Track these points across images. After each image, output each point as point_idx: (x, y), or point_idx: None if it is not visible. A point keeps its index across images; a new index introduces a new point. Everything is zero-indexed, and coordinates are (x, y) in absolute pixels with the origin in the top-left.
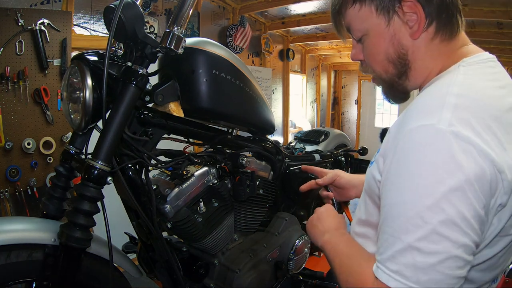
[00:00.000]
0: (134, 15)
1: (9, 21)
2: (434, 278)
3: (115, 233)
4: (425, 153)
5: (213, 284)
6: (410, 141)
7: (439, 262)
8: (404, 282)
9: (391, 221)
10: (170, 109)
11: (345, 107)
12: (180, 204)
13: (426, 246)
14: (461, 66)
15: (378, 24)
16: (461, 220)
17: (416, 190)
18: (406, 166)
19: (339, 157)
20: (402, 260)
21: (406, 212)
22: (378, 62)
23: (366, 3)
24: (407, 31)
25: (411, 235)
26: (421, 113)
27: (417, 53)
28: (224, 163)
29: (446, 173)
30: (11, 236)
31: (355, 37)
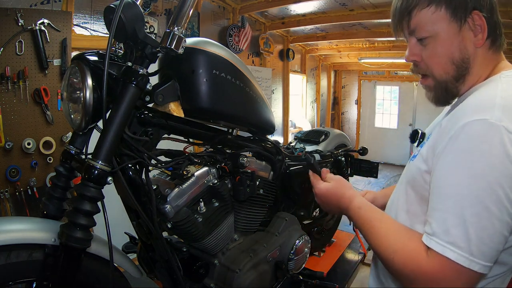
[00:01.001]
0: (134, 15)
1: (9, 21)
2: (482, 250)
3: (115, 233)
4: (480, 143)
5: (213, 284)
6: (466, 132)
7: (488, 236)
8: (459, 252)
9: (446, 199)
10: (170, 109)
11: (345, 107)
12: (180, 204)
13: (478, 221)
14: (502, 77)
15: (450, 28)
16: (508, 201)
17: (472, 174)
18: (462, 153)
19: (339, 157)
20: (457, 233)
21: (462, 191)
22: (441, 63)
23: (442, 7)
24: (472, 39)
25: (466, 211)
26: (474, 111)
27: (476, 60)
28: (224, 163)
29: (498, 161)
30: (11, 236)
31: (420, 37)
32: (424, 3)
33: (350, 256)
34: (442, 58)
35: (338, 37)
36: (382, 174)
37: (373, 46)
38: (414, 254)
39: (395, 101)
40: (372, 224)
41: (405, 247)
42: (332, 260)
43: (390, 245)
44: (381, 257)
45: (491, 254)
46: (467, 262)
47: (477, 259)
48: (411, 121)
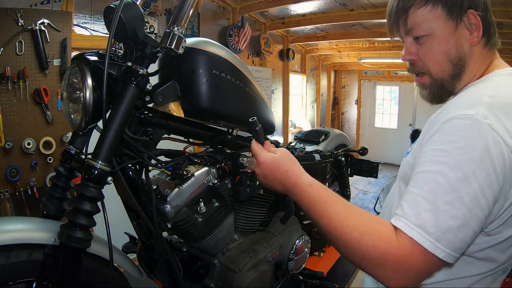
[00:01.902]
0: (134, 15)
1: (9, 21)
2: (449, 239)
3: (115, 233)
4: (463, 136)
5: (213, 284)
6: (451, 125)
7: (458, 227)
8: (426, 237)
9: (422, 184)
10: (170, 109)
11: (345, 107)
12: (180, 204)
13: (449, 209)
14: (494, 76)
15: (446, 27)
16: (482, 196)
17: (451, 164)
18: (445, 144)
19: (339, 157)
20: (427, 218)
21: (438, 179)
22: (438, 61)
23: (438, 6)
24: (468, 37)
25: (439, 198)
26: (462, 106)
27: (472, 57)
28: (224, 163)
29: (478, 155)
30: (11, 236)
31: (416, 35)
32: (421, 2)
33: None
34: (439, 55)
35: (338, 37)
36: (382, 174)
37: (373, 46)
38: (385, 236)
39: (395, 101)
40: (328, 203)
41: (374, 230)
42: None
43: (356, 226)
44: (342, 239)
45: (458, 245)
46: (433, 248)
47: (443, 246)
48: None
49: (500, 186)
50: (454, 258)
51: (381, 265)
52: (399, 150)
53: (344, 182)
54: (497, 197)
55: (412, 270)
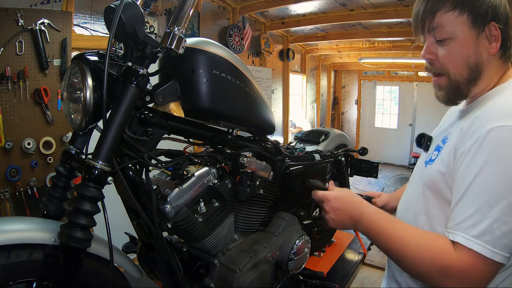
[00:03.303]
0: (134, 15)
1: (9, 21)
2: (504, 243)
3: (115, 233)
4: (506, 147)
5: (213, 284)
6: (492, 136)
7: (510, 231)
8: (484, 245)
9: (472, 197)
10: (171, 109)
11: (345, 107)
12: (180, 204)
13: (501, 217)
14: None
15: (469, 34)
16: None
17: (498, 174)
18: (489, 156)
19: (339, 157)
20: (482, 228)
21: (488, 190)
22: (456, 64)
23: (465, 14)
24: (487, 46)
25: (491, 208)
26: (498, 117)
27: (489, 66)
28: (224, 163)
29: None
30: (11, 236)
31: (438, 37)
32: (450, 6)
33: (350, 256)
34: (458, 59)
35: (338, 37)
36: (382, 174)
37: (373, 46)
38: (444, 250)
39: (395, 101)
40: (392, 227)
41: (434, 245)
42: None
43: (418, 244)
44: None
45: (510, 246)
46: (491, 254)
47: (498, 250)
48: (411, 121)
49: None
50: (508, 259)
51: (443, 277)
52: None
53: (344, 182)
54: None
55: (477, 280)
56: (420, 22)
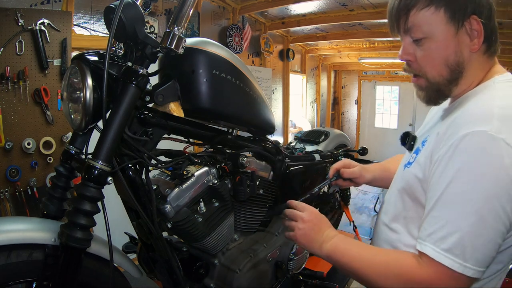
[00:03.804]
0: (134, 15)
1: (9, 21)
2: (476, 257)
3: (115, 233)
4: (479, 155)
5: (213, 284)
6: (466, 143)
7: (482, 244)
8: (454, 259)
9: (444, 207)
10: (170, 109)
11: (345, 107)
12: (180, 204)
13: (474, 230)
14: (496, 83)
15: (446, 31)
16: (503, 212)
17: (470, 185)
18: (461, 164)
19: (339, 157)
20: (453, 240)
21: (460, 200)
22: (435, 65)
23: (441, 9)
24: (468, 43)
25: (463, 220)
26: (474, 121)
27: (471, 63)
28: (224, 163)
29: (495, 173)
30: (11, 236)
31: (415, 37)
32: (424, 3)
33: None
34: (436, 60)
35: (338, 37)
36: None
37: (373, 46)
38: (408, 264)
39: (395, 101)
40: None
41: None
42: None
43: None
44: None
45: (485, 260)
46: (461, 268)
47: (470, 265)
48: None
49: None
50: (482, 273)
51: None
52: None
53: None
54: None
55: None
56: (394, 21)
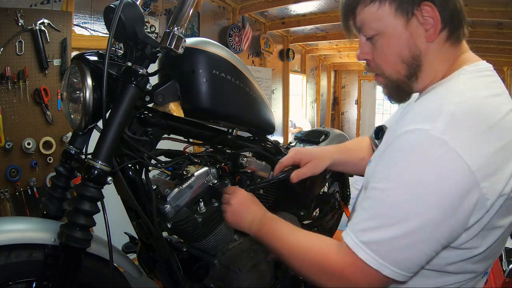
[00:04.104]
0: (134, 15)
1: (9, 21)
2: (394, 258)
3: (115, 233)
4: (415, 154)
5: (213, 284)
6: (405, 141)
7: (403, 247)
8: (370, 254)
9: (371, 201)
10: (170, 109)
11: (345, 107)
12: (180, 204)
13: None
14: (461, 74)
15: (395, 24)
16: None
17: (400, 183)
18: (396, 161)
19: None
20: (372, 235)
21: (386, 198)
22: (390, 62)
23: (386, 2)
24: (423, 33)
25: (385, 218)
26: (419, 118)
27: (429, 55)
28: (224, 163)
29: (428, 176)
30: (11, 236)
31: (367, 35)
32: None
33: None
34: (391, 57)
35: (338, 37)
36: None
37: None
38: (325, 251)
39: None
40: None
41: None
42: None
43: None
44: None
45: (406, 265)
46: (377, 265)
47: (388, 264)
48: None
49: (454, 208)
50: (405, 277)
51: (322, 276)
52: None
53: (344, 182)
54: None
55: (351, 283)
56: (344, 21)
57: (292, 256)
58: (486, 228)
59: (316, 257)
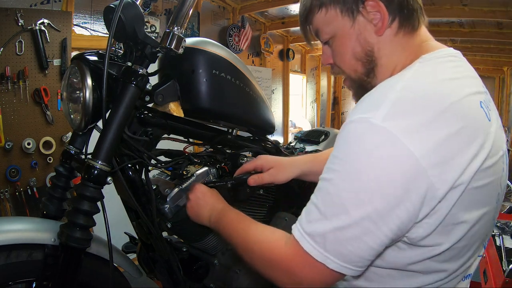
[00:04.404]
0: (134, 15)
1: (9, 21)
2: (339, 250)
3: (115, 233)
4: (355, 143)
5: (213, 284)
6: (346, 131)
7: (346, 239)
8: (314, 245)
9: (317, 192)
10: (170, 109)
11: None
12: (180, 204)
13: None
14: (418, 62)
15: (343, 25)
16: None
17: (341, 173)
18: (337, 151)
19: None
20: (316, 227)
21: (329, 188)
22: (346, 61)
23: (330, 6)
24: (372, 29)
25: (328, 209)
26: (363, 107)
27: (383, 49)
28: (224, 163)
29: (369, 164)
30: (11, 236)
31: (323, 40)
32: (315, 8)
33: None
34: (346, 56)
35: None
36: None
37: None
38: (276, 244)
39: None
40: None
41: (267, 238)
42: None
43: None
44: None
45: (351, 258)
46: (321, 257)
47: (332, 257)
48: None
49: (400, 198)
50: (353, 271)
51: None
52: None
53: None
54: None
55: (298, 276)
56: (302, 31)
57: (245, 249)
58: (448, 223)
59: (266, 250)
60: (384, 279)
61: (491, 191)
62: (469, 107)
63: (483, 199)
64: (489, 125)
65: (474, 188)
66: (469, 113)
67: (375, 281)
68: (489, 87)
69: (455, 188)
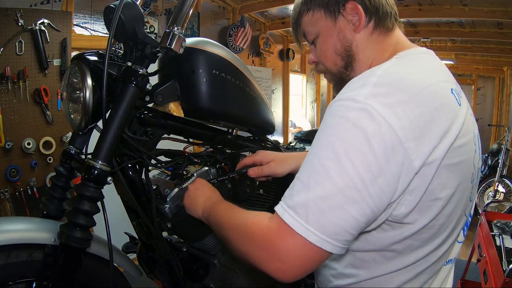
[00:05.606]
0: (134, 15)
1: (9, 21)
2: (321, 222)
3: (115, 233)
4: (339, 116)
5: (213, 284)
6: (332, 108)
7: (328, 208)
8: (295, 217)
9: (302, 167)
10: (170, 109)
11: None
12: (180, 204)
13: (320, 191)
14: (395, 58)
15: (326, 25)
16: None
17: (323, 144)
18: (325, 126)
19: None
20: (298, 198)
21: (313, 160)
22: (328, 57)
23: (316, 9)
24: (351, 28)
25: (311, 179)
26: (346, 90)
27: (360, 45)
28: (224, 163)
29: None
30: (11, 236)
31: (309, 40)
32: (304, 11)
33: None
34: (327, 51)
35: None
36: None
37: None
38: (259, 223)
39: None
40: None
41: (252, 217)
42: None
43: (236, 222)
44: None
45: (333, 230)
46: (303, 230)
47: (314, 229)
48: None
49: (381, 167)
50: (333, 247)
51: (251, 245)
52: None
53: None
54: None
55: (278, 251)
56: (295, 36)
57: (229, 233)
58: (426, 200)
59: (249, 227)
60: (368, 264)
61: (464, 170)
62: (441, 92)
63: (457, 177)
64: (459, 108)
65: (447, 165)
66: (440, 96)
67: (360, 268)
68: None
69: (430, 164)
